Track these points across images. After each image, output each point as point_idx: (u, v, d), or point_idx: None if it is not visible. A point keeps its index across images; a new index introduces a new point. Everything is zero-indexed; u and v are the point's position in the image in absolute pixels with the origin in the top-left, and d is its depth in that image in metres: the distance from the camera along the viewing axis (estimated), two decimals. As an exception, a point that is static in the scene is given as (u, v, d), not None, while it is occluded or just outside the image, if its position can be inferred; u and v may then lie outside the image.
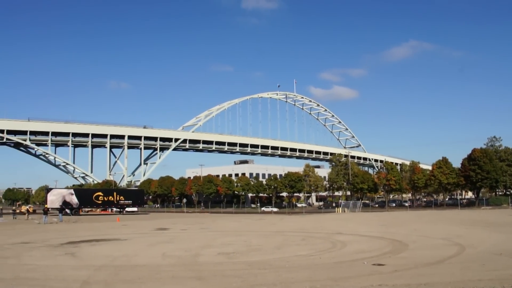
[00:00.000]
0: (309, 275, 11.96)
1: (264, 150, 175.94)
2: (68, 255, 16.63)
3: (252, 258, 15.54)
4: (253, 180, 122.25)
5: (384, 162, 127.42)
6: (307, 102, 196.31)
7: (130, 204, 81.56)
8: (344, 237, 23.55)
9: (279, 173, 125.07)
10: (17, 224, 44.69)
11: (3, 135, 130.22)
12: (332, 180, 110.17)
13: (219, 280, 11.27)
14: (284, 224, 38.71)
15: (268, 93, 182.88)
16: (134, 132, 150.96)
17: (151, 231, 30.63)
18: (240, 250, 17.87)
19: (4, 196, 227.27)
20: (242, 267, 13.43)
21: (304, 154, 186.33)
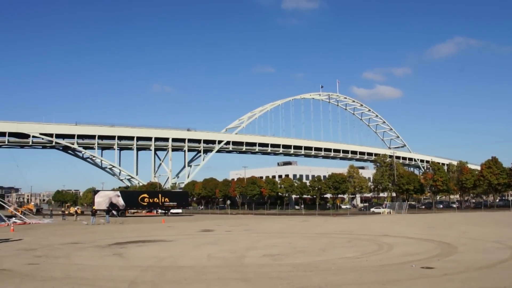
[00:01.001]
0: (355, 278, 11.81)
1: (307, 151, 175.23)
2: (116, 256, 16.90)
3: (297, 260, 15.46)
4: (296, 182, 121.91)
5: (430, 163, 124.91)
6: (350, 103, 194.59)
7: (175, 206, 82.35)
8: (390, 239, 23.18)
9: (322, 174, 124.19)
10: (66, 225, 45.76)
11: (52, 139, 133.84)
12: (377, 181, 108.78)
13: (265, 282, 11.25)
14: (329, 226, 38.41)
15: (311, 94, 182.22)
16: (178, 134, 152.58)
17: (196, 233, 30.87)
18: (285, 252, 17.80)
19: (53, 198, 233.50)
20: (287, 269, 13.37)
21: (348, 155, 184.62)
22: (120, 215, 71.64)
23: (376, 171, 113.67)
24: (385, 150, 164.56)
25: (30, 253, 18.10)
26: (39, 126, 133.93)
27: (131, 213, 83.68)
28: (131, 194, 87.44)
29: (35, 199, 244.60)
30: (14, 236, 28.52)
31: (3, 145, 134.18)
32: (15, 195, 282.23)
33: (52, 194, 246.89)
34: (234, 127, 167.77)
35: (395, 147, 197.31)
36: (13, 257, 16.66)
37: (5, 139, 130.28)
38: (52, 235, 30.20)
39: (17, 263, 14.95)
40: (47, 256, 17.01)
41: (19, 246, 21.08)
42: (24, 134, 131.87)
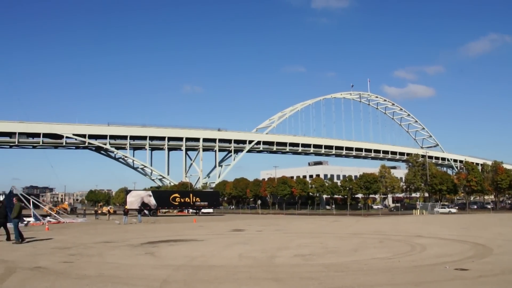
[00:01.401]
0: (388, 278, 11.67)
1: (338, 151, 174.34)
2: (148, 255, 17.05)
3: (328, 260, 15.36)
4: (327, 182, 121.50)
5: (464, 162, 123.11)
6: (382, 102, 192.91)
7: (206, 206, 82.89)
8: (423, 240, 22.86)
9: (354, 174, 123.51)
10: (99, 224, 46.39)
11: (85, 140, 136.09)
12: (409, 181, 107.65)
13: (296, 282, 11.21)
14: (360, 226, 38.09)
15: (342, 93, 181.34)
16: (208, 134, 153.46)
17: (227, 232, 30.94)
18: (316, 252, 17.71)
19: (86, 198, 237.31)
20: (319, 269, 13.30)
21: (380, 155, 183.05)
22: (151, 215, 72.39)
23: (408, 171, 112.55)
24: (417, 149, 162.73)
25: (64, 251, 18.39)
26: (72, 127, 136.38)
27: (163, 212, 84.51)
28: (163, 193, 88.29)
29: (68, 199, 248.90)
30: (49, 235, 29.04)
31: (37, 146, 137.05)
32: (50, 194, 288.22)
33: (85, 194, 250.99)
34: (264, 127, 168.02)
35: (427, 146, 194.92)
36: (48, 255, 16.95)
37: (40, 140, 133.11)
38: (85, 234, 30.63)
39: (52, 261, 15.19)
40: (81, 254, 17.26)
41: (53, 245, 21.43)
42: (58, 135, 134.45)
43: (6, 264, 14.42)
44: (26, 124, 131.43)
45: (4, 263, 14.58)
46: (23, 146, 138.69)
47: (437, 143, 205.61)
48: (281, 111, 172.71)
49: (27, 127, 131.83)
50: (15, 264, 14.42)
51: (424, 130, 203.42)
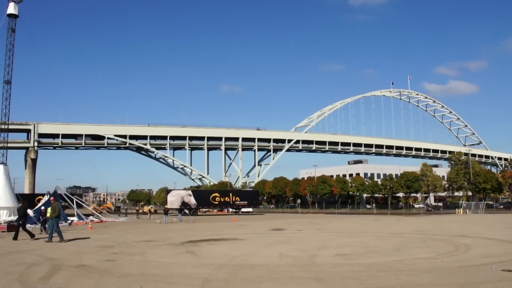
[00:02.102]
0: (431, 279, 11.46)
1: (378, 149, 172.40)
2: (189, 254, 17.18)
3: (370, 260, 15.18)
4: (367, 180, 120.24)
5: (509, 160, 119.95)
6: (423, 99, 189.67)
7: (245, 205, 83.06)
8: (467, 239, 22.37)
9: (394, 172, 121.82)
10: (140, 223, 47.04)
11: (126, 140, 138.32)
12: (452, 179, 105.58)
13: (338, 282, 11.11)
14: (402, 226, 37.58)
15: (381, 91, 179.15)
16: (247, 134, 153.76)
17: (267, 231, 30.95)
18: (357, 251, 17.54)
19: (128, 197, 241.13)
20: (360, 269, 13.16)
21: (421, 153, 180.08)
22: (192, 214, 72.94)
23: (450, 169, 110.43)
24: (459, 147, 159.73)
25: (107, 250, 18.71)
26: (113, 128, 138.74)
27: (203, 212, 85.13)
28: (203, 193, 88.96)
29: (110, 198, 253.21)
30: (92, 234, 29.62)
31: (80, 147, 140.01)
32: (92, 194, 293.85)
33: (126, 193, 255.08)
34: (303, 125, 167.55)
35: (470, 144, 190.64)
36: (91, 254, 17.27)
37: (82, 141, 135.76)
38: (127, 233, 31.10)
39: (96, 259, 15.48)
40: (124, 253, 17.53)
41: (97, 243, 21.83)
42: (100, 136, 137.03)
43: (52, 262, 14.77)
44: (69, 126, 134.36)
45: (50, 261, 14.93)
46: (66, 147, 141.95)
47: (481, 141, 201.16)
48: (320, 110, 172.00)
49: (70, 128, 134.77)
50: (60, 262, 14.75)
51: (466, 128, 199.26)
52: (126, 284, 10.78)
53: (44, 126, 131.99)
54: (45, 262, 14.84)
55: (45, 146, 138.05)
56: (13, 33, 51.04)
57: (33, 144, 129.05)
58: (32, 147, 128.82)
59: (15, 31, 51.22)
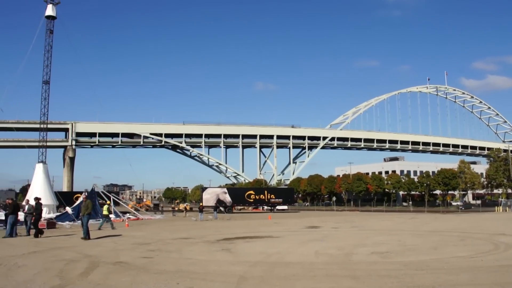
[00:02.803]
0: (470, 278, 11.22)
1: (414, 146, 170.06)
2: (225, 251, 17.23)
3: (407, 258, 14.96)
4: (404, 178, 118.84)
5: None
6: (460, 95, 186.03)
7: (280, 203, 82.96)
8: (507, 238, 21.83)
9: (431, 170, 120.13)
10: (176, 221, 47.48)
11: (162, 139, 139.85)
12: (491, 176, 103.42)
13: (375, 280, 10.97)
14: (439, 224, 36.95)
15: (417, 87, 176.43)
16: (282, 131, 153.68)
17: (302, 229, 30.84)
18: (394, 249, 17.30)
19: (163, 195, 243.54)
20: (397, 267, 12.97)
21: (458, 150, 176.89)
22: (227, 212, 73.25)
23: (489, 166, 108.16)
24: (499, 144, 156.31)
25: (144, 247, 18.91)
26: (149, 127, 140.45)
27: (238, 209, 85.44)
28: (238, 191, 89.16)
29: (146, 196, 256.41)
30: (129, 231, 30.02)
31: (116, 145, 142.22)
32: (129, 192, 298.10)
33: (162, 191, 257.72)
34: (338, 123, 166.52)
35: (510, 140, 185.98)
36: (129, 251, 17.49)
37: (119, 139, 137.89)
38: (163, 230, 31.40)
39: (133, 256, 15.66)
40: (160, 250, 17.69)
41: (133, 241, 22.11)
42: (136, 134, 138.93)
43: (90, 258, 15.01)
44: (105, 125, 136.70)
45: (88, 258, 15.18)
46: (103, 145, 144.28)
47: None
48: (355, 107, 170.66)
49: (106, 127, 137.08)
50: (98, 258, 14.97)
51: (506, 124, 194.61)
52: (163, 281, 10.86)
53: (82, 125, 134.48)
54: (83, 258, 15.10)
55: (83, 145, 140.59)
56: (51, 34, 52.10)
57: (71, 143, 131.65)
58: (70, 146, 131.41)
59: (53, 32, 52.27)
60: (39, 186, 49.15)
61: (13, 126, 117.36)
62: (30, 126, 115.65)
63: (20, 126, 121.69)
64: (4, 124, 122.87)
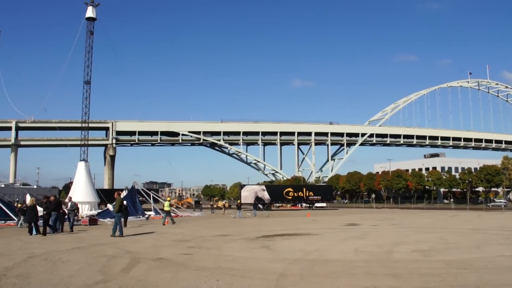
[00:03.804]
0: (517, 277, 10.94)
1: (455, 142, 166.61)
2: (264, 248, 17.24)
3: (449, 256, 14.68)
4: (445, 174, 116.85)
5: None
6: (503, 89, 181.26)
7: (319, 200, 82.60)
8: (554, 236, 21.24)
9: (473, 166, 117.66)
10: (215, 218, 47.76)
11: (200, 136, 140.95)
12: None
13: (416, 279, 10.79)
14: (482, 221, 36.19)
15: (458, 81, 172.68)
16: (320, 128, 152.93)
17: (341, 227, 30.63)
18: (435, 247, 16.99)
19: (202, 192, 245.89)
20: (439, 265, 12.74)
21: (502, 145, 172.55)
22: (265, 209, 73.34)
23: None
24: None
25: (183, 244, 19.08)
26: (187, 125, 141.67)
27: (276, 206, 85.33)
28: (276, 188, 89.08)
29: (185, 193, 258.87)
30: (168, 228, 30.35)
31: (156, 143, 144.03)
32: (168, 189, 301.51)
33: (201, 189, 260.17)
34: (377, 119, 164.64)
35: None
36: (169, 247, 17.67)
37: (158, 137, 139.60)
38: (202, 227, 31.63)
39: (173, 253, 15.82)
40: (199, 247, 17.81)
41: (173, 237, 22.33)
42: (174, 132, 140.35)
43: (131, 255, 15.22)
44: (145, 123, 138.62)
45: (130, 254, 15.40)
46: (142, 144, 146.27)
47: None
48: (394, 103, 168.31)
49: (145, 126, 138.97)
50: (139, 255, 15.18)
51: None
52: (203, 278, 10.93)
53: (122, 124, 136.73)
54: (125, 255, 15.33)
55: (123, 143, 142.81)
56: (92, 35, 53.04)
57: (112, 141, 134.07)
58: (111, 144, 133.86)
59: (93, 33, 53.21)
60: (81, 183, 50.10)
61: (56, 126, 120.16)
62: (72, 125, 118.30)
63: (63, 125, 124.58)
64: (47, 123, 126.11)
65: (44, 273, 11.77)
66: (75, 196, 43.35)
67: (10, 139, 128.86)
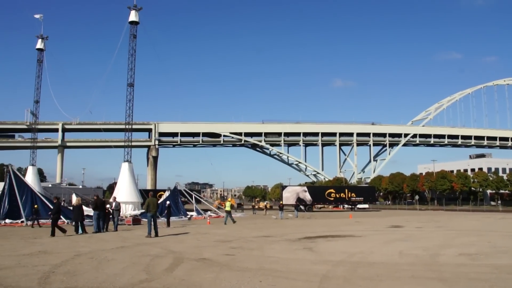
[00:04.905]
0: None
1: (503, 142, 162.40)
2: (306, 250, 17.11)
3: (498, 261, 14.25)
4: (491, 175, 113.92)
5: None
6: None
7: (361, 201, 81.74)
8: None
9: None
10: (257, 219, 47.79)
11: (241, 138, 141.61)
12: None
13: (464, 284, 10.50)
14: (532, 224, 35.11)
15: (505, 79, 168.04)
16: (362, 129, 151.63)
17: (385, 228, 30.18)
18: (483, 251, 16.52)
19: (243, 193, 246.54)
20: (487, 270, 12.37)
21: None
22: (307, 210, 73.01)
23: None
24: None
25: (226, 244, 19.13)
26: (229, 126, 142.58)
27: (318, 208, 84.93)
28: (318, 189, 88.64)
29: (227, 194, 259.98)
30: (210, 228, 30.52)
31: (198, 145, 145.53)
32: (210, 190, 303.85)
33: (242, 189, 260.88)
34: (420, 119, 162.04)
35: None
36: (211, 248, 17.74)
37: (199, 139, 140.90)
38: (244, 228, 31.68)
39: (215, 253, 15.86)
40: (242, 248, 17.82)
41: (215, 238, 22.42)
42: (216, 133, 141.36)
43: (174, 254, 15.35)
44: (186, 125, 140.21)
45: (173, 254, 15.53)
46: (184, 145, 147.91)
47: None
48: (438, 102, 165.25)
49: (187, 127, 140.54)
50: (182, 255, 15.28)
51: None
52: (245, 278, 10.90)
53: (164, 125, 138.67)
54: (168, 254, 15.46)
55: (165, 144, 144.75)
56: (135, 39, 53.89)
57: (154, 142, 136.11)
58: (153, 145, 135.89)
59: (136, 37, 54.06)
60: (124, 184, 50.93)
61: (101, 127, 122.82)
62: (116, 127, 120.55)
63: (107, 127, 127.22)
64: (92, 125, 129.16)
65: (90, 271, 12.01)
66: (119, 196, 44.03)
67: (57, 140, 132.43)
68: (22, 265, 13.07)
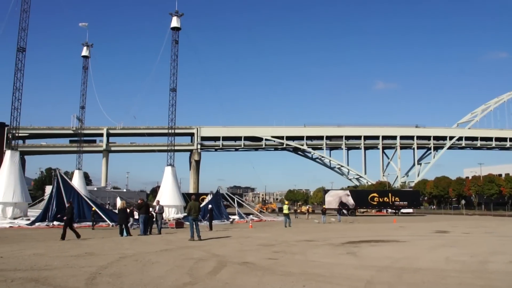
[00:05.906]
0: None
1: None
2: (350, 254, 16.89)
3: (553, 268, 13.74)
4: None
5: None
6: None
7: (405, 206, 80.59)
8: None
9: None
10: (299, 223, 47.59)
11: (283, 141, 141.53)
12: None
13: (516, 291, 10.16)
14: None
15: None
16: (405, 132, 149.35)
17: (430, 234, 29.56)
18: (536, 258, 15.95)
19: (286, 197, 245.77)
20: (542, 278, 11.93)
21: None
22: (350, 214, 72.49)
23: None
24: None
25: (268, 248, 19.06)
26: (271, 130, 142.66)
27: (361, 212, 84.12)
28: (361, 193, 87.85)
29: (269, 198, 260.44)
30: (253, 232, 30.51)
31: (239, 148, 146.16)
32: (251, 194, 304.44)
33: (284, 193, 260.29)
34: (466, 121, 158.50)
35: None
36: (254, 252, 17.71)
37: (241, 142, 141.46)
38: (287, 232, 31.57)
39: (258, 257, 15.81)
40: (284, 252, 17.72)
41: (258, 242, 22.38)
42: (258, 137, 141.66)
43: (218, 258, 15.37)
44: (228, 129, 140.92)
45: (216, 257, 15.56)
46: (226, 149, 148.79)
47: None
48: (485, 104, 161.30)
49: (229, 131, 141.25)
50: (225, 258, 15.29)
51: None
52: (289, 283, 10.82)
53: (206, 129, 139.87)
54: (211, 258, 15.50)
55: (207, 148, 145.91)
56: (177, 44, 54.67)
57: (197, 146, 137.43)
58: (196, 149, 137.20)
59: (178, 42, 54.80)
60: (167, 187, 51.59)
61: (145, 132, 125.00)
62: (159, 132, 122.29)
63: (150, 131, 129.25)
64: (136, 130, 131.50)
65: (135, 273, 12.15)
66: (162, 199, 44.60)
67: (102, 144, 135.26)
68: (69, 266, 13.34)
